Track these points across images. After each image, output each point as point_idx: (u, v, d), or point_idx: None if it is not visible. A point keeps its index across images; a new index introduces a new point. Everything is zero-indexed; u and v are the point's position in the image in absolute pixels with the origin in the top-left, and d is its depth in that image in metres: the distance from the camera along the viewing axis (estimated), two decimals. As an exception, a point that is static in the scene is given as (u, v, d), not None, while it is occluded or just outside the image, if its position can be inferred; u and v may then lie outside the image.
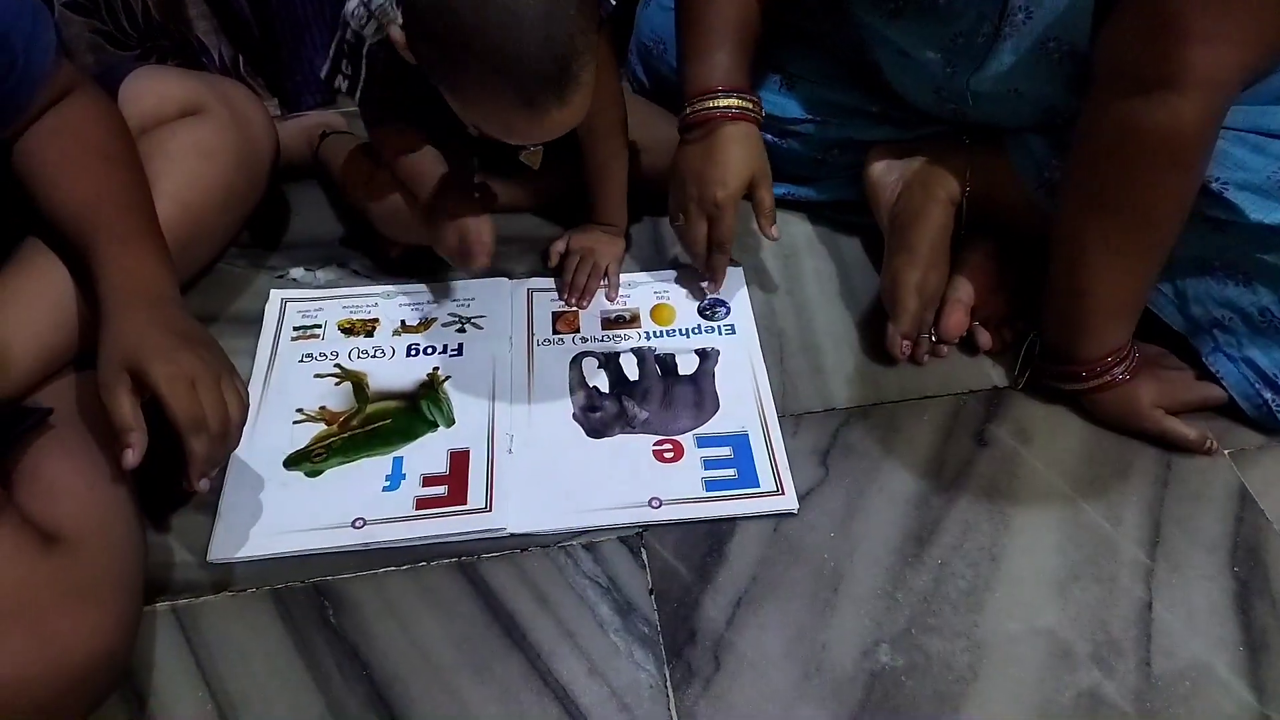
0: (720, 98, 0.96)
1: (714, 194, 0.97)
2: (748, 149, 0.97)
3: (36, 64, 0.77)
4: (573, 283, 1.05)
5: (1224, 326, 0.90)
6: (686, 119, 0.98)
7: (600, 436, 0.91)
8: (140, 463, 0.70)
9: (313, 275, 1.07)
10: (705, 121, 0.96)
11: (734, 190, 0.97)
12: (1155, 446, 0.91)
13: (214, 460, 0.73)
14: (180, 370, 0.71)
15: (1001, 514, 0.86)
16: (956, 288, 0.98)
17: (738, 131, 0.97)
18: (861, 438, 0.92)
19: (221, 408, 0.72)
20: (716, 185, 0.96)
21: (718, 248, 1.01)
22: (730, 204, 0.97)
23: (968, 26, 0.88)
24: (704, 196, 0.98)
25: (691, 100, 0.98)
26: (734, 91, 0.97)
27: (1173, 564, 0.82)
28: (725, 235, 0.99)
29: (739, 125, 0.97)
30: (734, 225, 0.99)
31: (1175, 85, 0.73)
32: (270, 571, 0.80)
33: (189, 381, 0.71)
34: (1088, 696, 0.74)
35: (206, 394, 0.71)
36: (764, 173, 0.99)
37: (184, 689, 0.73)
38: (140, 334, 0.72)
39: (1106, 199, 0.81)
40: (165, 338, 0.72)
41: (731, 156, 0.96)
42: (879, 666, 0.75)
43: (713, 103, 0.96)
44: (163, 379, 0.70)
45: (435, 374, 0.96)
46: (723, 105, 0.96)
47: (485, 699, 0.73)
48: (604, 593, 0.80)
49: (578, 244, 1.07)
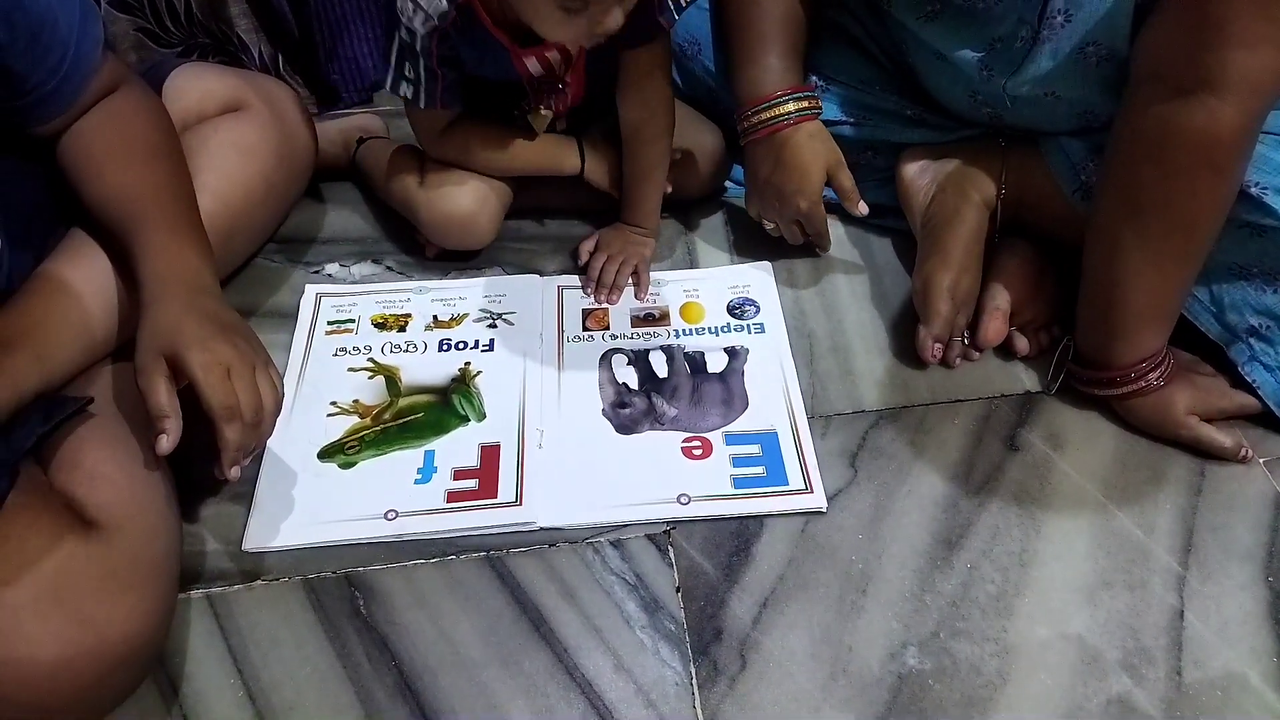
0: (779, 104, 0.98)
1: (797, 204, 1.00)
2: (817, 148, 0.99)
3: (85, 55, 0.79)
4: (600, 279, 1.05)
5: (1260, 335, 0.89)
6: (749, 132, 1.00)
7: (629, 433, 0.91)
8: (175, 449, 0.71)
9: (347, 271, 1.09)
10: (771, 134, 0.98)
11: (814, 196, 1.00)
12: (1189, 454, 0.90)
13: (246, 448, 0.74)
14: (216, 358, 0.72)
15: (1032, 519, 0.85)
16: (995, 295, 0.98)
17: (804, 135, 0.98)
18: (891, 440, 0.91)
19: (256, 396, 0.73)
20: (798, 196, 0.99)
21: (817, 243, 1.07)
22: (815, 209, 1.01)
23: (1006, 30, 0.88)
24: (787, 206, 1.01)
25: (750, 110, 0.99)
26: (790, 95, 0.98)
27: (1205, 572, 0.81)
28: (819, 232, 1.05)
29: (804, 128, 0.98)
30: (824, 220, 1.03)
31: (1215, 88, 0.72)
32: (303, 561, 0.81)
33: (224, 369, 0.72)
34: (1117, 704, 0.73)
35: (241, 382, 0.72)
36: (837, 161, 1.01)
37: (216, 675, 0.74)
38: (178, 322, 0.73)
39: (1143, 202, 0.81)
40: (203, 326, 0.74)
41: (805, 162, 0.98)
42: (906, 669, 0.75)
43: (771, 111, 0.98)
44: (198, 366, 0.71)
45: (467, 369, 0.97)
46: (783, 113, 0.98)
47: (512, 692, 0.74)
48: (631, 589, 0.80)
49: (606, 243, 1.07)
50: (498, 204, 1.06)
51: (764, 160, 1.00)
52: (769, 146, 0.99)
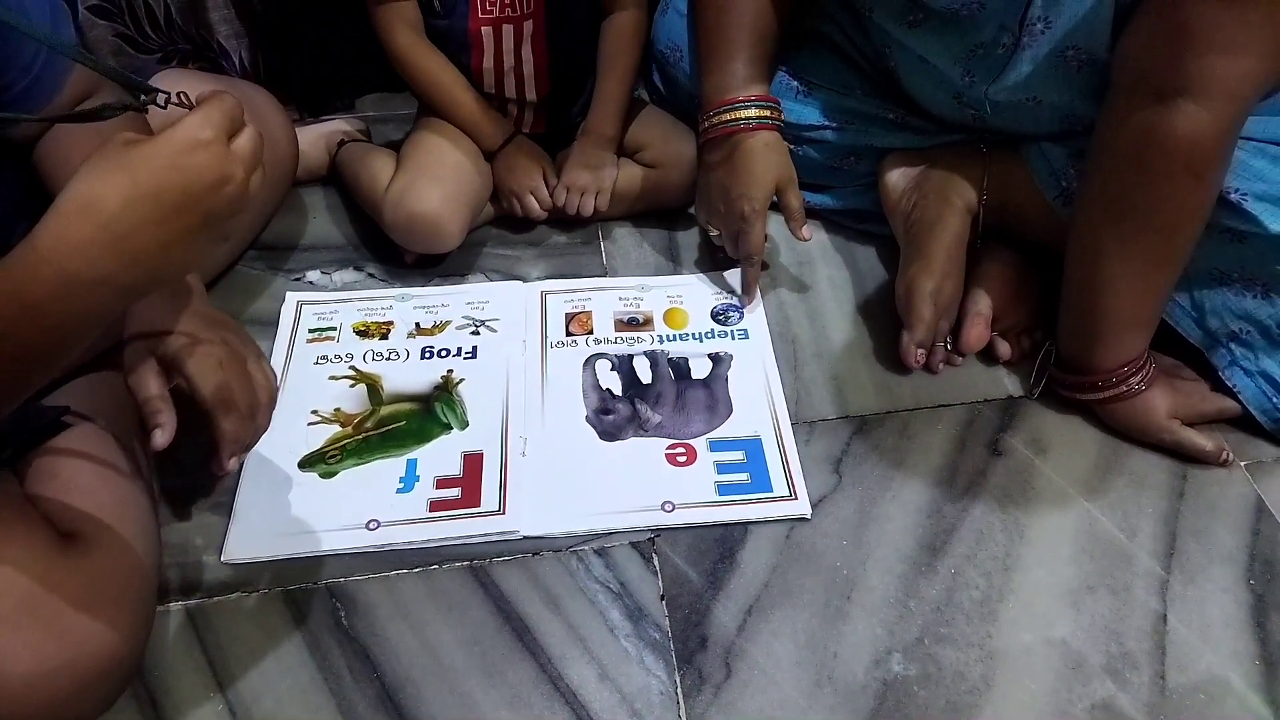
0: (740, 108, 0.97)
1: (740, 209, 0.98)
2: (771, 158, 0.98)
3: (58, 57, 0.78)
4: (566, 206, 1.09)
5: (1241, 339, 0.89)
6: (708, 132, 0.98)
7: (613, 440, 0.91)
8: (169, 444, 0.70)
9: (329, 278, 1.08)
10: (728, 135, 0.97)
11: (759, 204, 0.98)
12: (1171, 458, 0.90)
13: (243, 441, 0.73)
14: (207, 352, 0.71)
15: (1015, 524, 0.85)
16: (976, 300, 0.98)
17: (759, 142, 0.97)
18: (875, 446, 0.91)
19: (250, 388, 0.72)
20: (743, 200, 0.97)
21: (746, 259, 1.02)
22: (756, 217, 0.98)
23: (988, 37, 0.88)
24: (732, 209, 0.99)
25: (711, 111, 0.98)
26: (753, 101, 0.97)
27: (1188, 576, 0.82)
28: (753, 247, 1.00)
29: (760, 135, 0.97)
30: (761, 237, 1.00)
31: (1194, 94, 0.73)
32: (283, 572, 0.80)
33: (216, 362, 0.71)
34: (1101, 709, 0.73)
35: (234, 375, 0.71)
36: (789, 178, 1.00)
37: (196, 689, 0.73)
38: (165, 320, 0.72)
39: (1123, 208, 0.81)
40: (191, 322, 0.73)
41: (756, 168, 0.97)
42: (891, 676, 0.75)
43: (732, 115, 0.97)
44: (190, 361, 0.70)
45: (449, 376, 0.96)
46: (743, 117, 0.97)
47: (495, 703, 0.73)
48: (615, 598, 0.80)
49: (569, 179, 1.09)
50: (466, 207, 1.05)
51: (717, 162, 0.99)
52: (724, 148, 0.98)
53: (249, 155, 0.58)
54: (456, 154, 1.06)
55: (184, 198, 0.55)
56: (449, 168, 1.05)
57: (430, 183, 1.02)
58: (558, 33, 1.05)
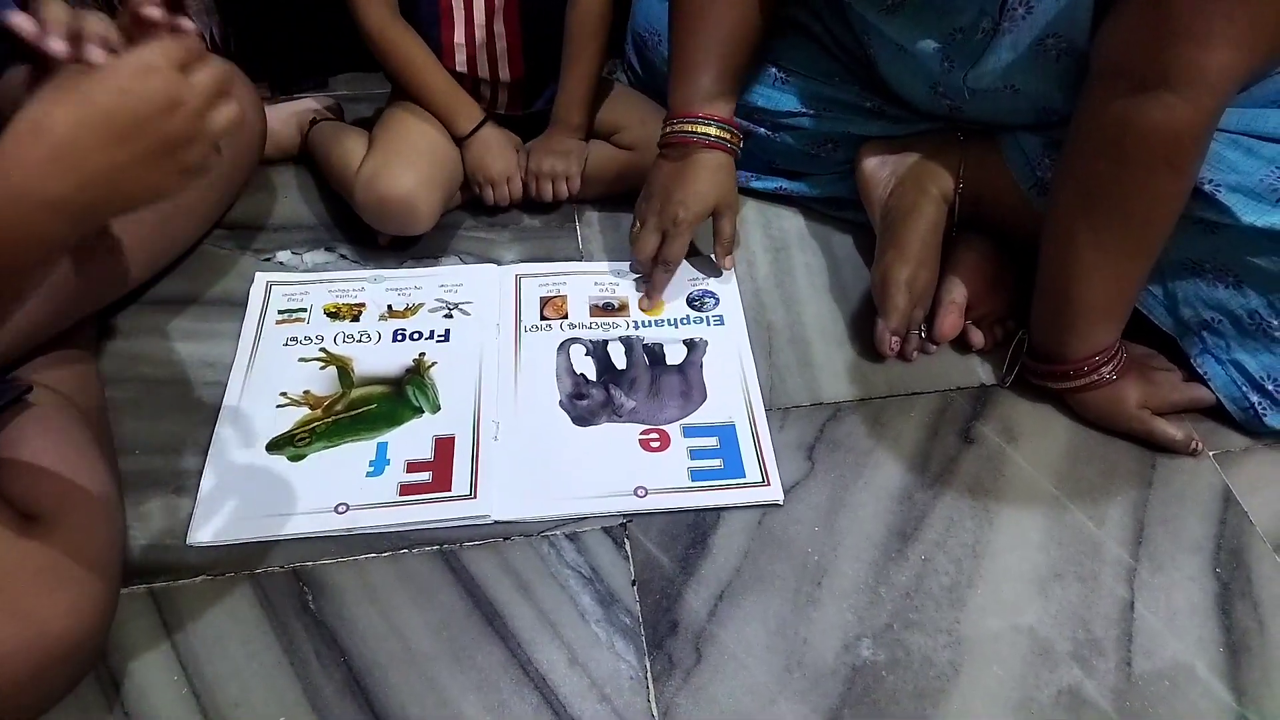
0: (702, 124, 0.97)
1: (675, 212, 0.98)
2: (717, 178, 0.98)
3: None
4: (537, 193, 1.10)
5: (1213, 329, 0.90)
6: (666, 136, 0.99)
7: (586, 425, 0.91)
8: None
9: (299, 259, 1.07)
10: (682, 144, 0.97)
11: (694, 213, 0.98)
12: (1141, 447, 0.91)
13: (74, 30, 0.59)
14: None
15: (986, 511, 0.85)
16: (950, 289, 0.98)
17: (711, 160, 0.97)
18: (848, 433, 0.91)
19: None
20: (679, 205, 0.97)
21: (663, 265, 1.01)
22: (686, 226, 0.98)
23: (967, 22, 0.88)
24: (665, 212, 0.99)
25: (673, 119, 0.99)
26: (714, 120, 0.97)
27: (1155, 564, 0.82)
28: (673, 255, 1.00)
29: (713, 154, 0.97)
30: (684, 249, 1.00)
31: (1173, 85, 0.73)
32: (250, 556, 0.79)
33: None
34: (1068, 695, 0.74)
35: None
36: (729, 204, 1.00)
37: (159, 672, 0.72)
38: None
39: (1098, 197, 0.81)
40: None
41: (701, 181, 0.97)
42: (860, 661, 0.75)
43: (691, 127, 0.97)
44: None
45: (421, 359, 0.95)
46: (700, 132, 0.97)
47: (464, 687, 0.73)
48: (586, 583, 0.79)
49: (537, 166, 1.09)
50: (439, 190, 1.04)
51: (667, 169, 0.99)
52: (677, 154, 0.98)
53: (206, 84, 0.57)
54: (429, 135, 1.05)
55: (133, 121, 0.54)
56: (422, 150, 1.04)
57: (402, 165, 1.01)
58: (531, 7, 1.04)
